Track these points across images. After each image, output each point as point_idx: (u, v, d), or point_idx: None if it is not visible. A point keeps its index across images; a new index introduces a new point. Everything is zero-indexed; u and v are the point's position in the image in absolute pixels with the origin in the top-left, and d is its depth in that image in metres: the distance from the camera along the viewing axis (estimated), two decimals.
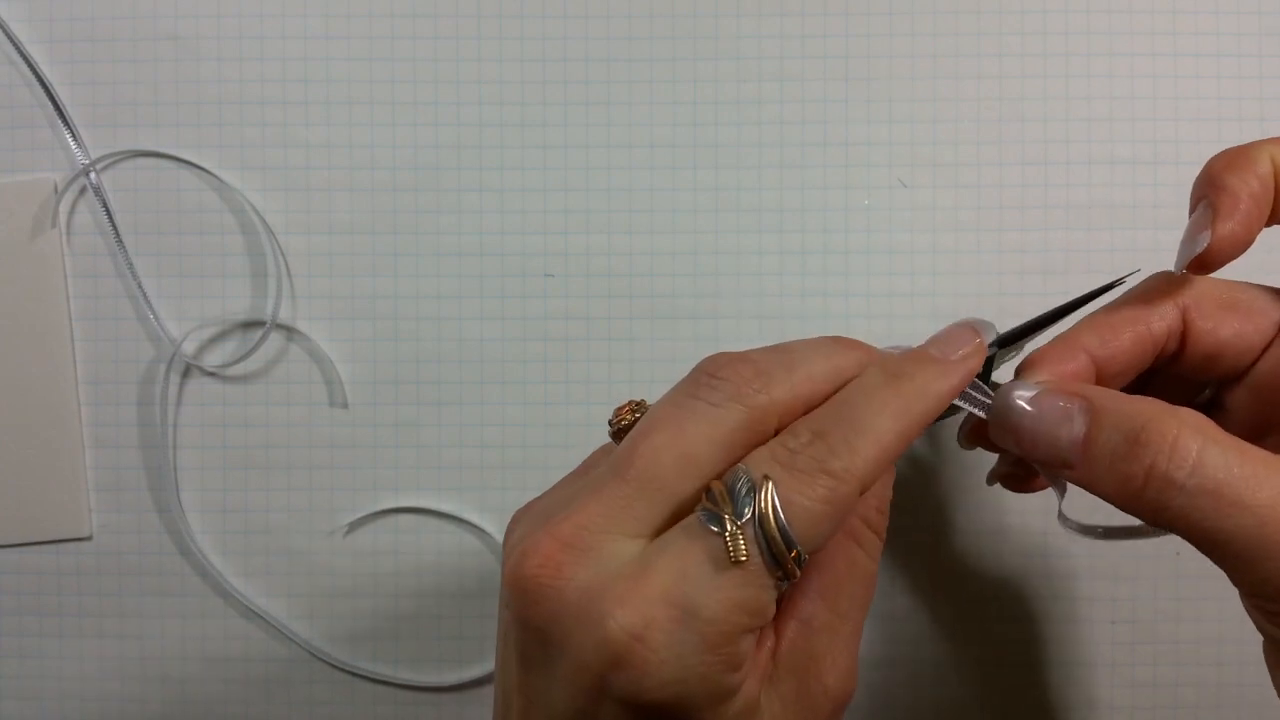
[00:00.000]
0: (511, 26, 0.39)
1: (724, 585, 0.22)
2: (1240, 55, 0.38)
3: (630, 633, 0.21)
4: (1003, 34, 0.39)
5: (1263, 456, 0.23)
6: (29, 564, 0.40)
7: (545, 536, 0.23)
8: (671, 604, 0.22)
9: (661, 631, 0.21)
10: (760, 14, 0.39)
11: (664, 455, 0.23)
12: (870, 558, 0.26)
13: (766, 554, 0.22)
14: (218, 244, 0.39)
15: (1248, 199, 0.25)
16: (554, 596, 0.22)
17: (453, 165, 0.39)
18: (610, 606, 0.22)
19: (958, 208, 0.39)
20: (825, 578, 0.25)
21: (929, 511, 0.39)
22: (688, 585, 0.22)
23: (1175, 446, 0.23)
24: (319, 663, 0.39)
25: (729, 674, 0.22)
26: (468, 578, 0.39)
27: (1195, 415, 0.24)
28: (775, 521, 0.22)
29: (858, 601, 0.26)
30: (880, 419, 0.24)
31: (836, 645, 0.25)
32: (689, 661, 0.22)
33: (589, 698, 0.22)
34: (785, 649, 0.25)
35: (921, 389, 0.24)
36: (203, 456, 0.39)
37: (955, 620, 0.39)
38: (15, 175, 0.39)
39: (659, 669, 0.21)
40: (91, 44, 0.39)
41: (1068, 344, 0.28)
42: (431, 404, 0.39)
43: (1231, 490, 0.22)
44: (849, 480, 0.23)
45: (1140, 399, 0.25)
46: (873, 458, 0.23)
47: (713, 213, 0.39)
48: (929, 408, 0.24)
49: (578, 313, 0.39)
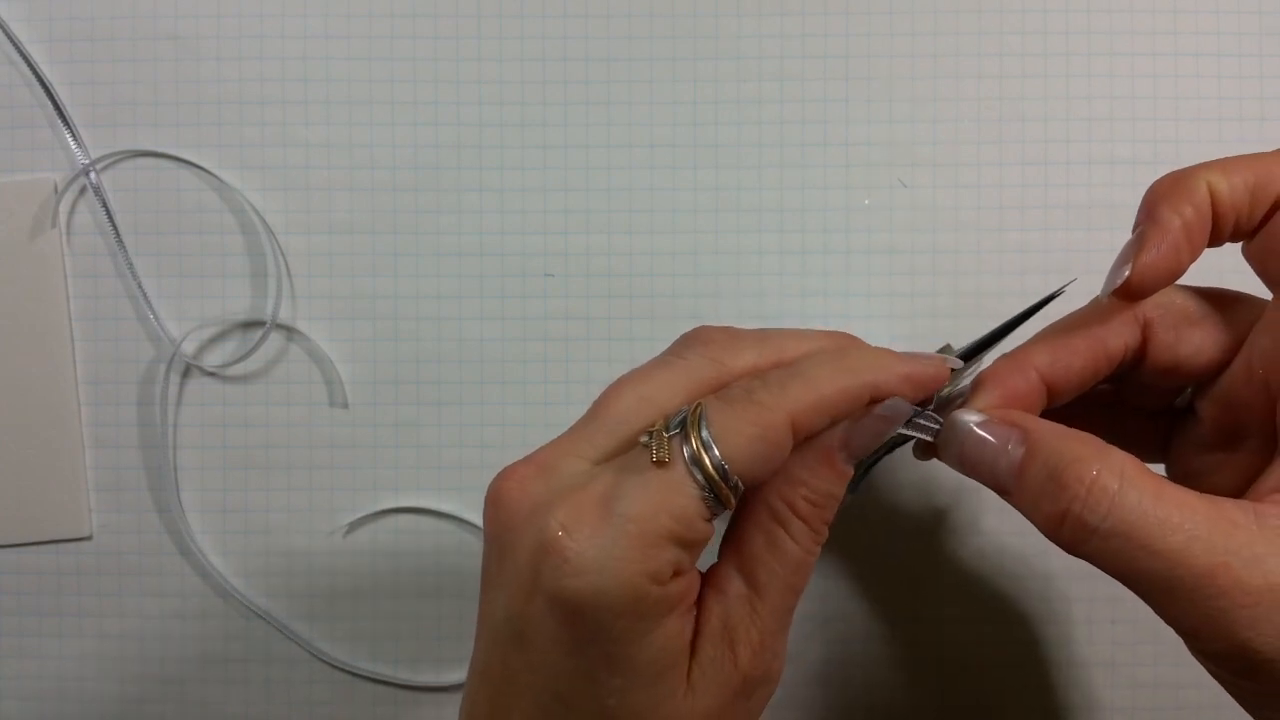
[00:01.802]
0: (511, 26, 0.39)
1: (648, 484, 0.23)
2: (1240, 55, 0.38)
3: (560, 525, 0.23)
4: (1003, 34, 0.39)
5: (1179, 500, 0.23)
6: (29, 564, 0.40)
7: (520, 462, 0.26)
8: (600, 503, 0.23)
9: (587, 525, 0.23)
10: (760, 14, 0.39)
11: (627, 394, 0.26)
12: (796, 543, 0.26)
13: (692, 465, 0.24)
14: (218, 244, 0.39)
15: (1178, 230, 0.25)
16: (513, 506, 0.25)
17: (453, 165, 0.39)
18: (551, 509, 0.24)
19: (958, 208, 0.39)
20: (744, 551, 0.26)
21: (928, 513, 0.39)
22: (617, 487, 0.24)
23: (1092, 489, 0.24)
24: (319, 663, 0.39)
25: (649, 583, 0.23)
26: (468, 578, 0.39)
27: (1120, 457, 0.24)
28: (699, 435, 0.24)
29: (777, 580, 0.26)
30: (818, 370, 0.25)
31: (751, 620, 0.25)
32: (610, 553, 0.23)
33: (523, 596, 0.24)
34: (704, 616, 0.26)
35: (870, 360, 0.26)
36: (203, 456, 0.39)
37: (955, 620, 0.39)
38: (15, 175, 0.39)
39: (578, 557, 0.23)
40: (91, 44, 0.39)
41: (1017, 363, 0.28)
42: (431, 404, 0.39)
43: (1143, 534, 0.23)
44: (775, 409, 0.24)
45: (1075, 436, 0.25)
46: (803, 398, 0.25)
47: (713, 213, 0.39)
48: (872, 376, 0.26)
49: (578, 313, 0.39)
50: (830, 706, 0.28)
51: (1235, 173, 0.26)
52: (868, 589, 0.39)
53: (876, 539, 0.39)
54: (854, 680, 0.39)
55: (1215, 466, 0.29)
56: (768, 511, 0.26)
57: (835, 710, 0.39)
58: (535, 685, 0.24)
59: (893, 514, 0.39)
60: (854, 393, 0.25)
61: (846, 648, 0.39)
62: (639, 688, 0.24)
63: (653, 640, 0.24)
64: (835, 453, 0.26)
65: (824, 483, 0.26)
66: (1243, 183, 0.26)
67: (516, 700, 0.25)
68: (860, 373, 0.26)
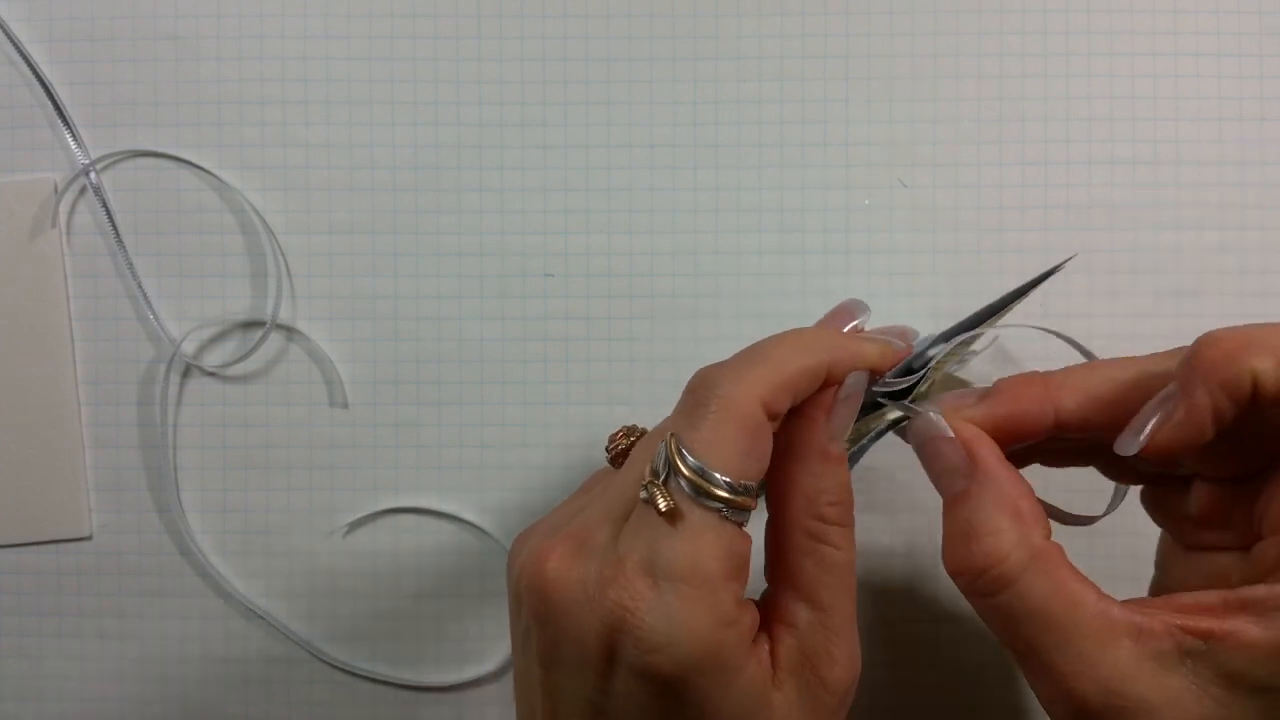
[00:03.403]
0: (511, 26, 0.39)
1: (674, 539, 0.24)
2: (1240, 55, 0.38)
3: (622, 605, 0.23)
4: (1003, 34, 0.39)
5: (1073, 599, 0.24)
6: (29, 564, 0.40)
7: (552, 539, 0.26)
8: (645, 571, 0.24)
9: (644, 599, 0.23)
10: (760, 14, 0.39)
11: (641, 454, 0.26)
12: (838, 548, 0.26)
13: (699, 498, 0.24)
14: (218, 244, 0.39)
15: (1207, 412, 0.24)
16: (563, 591, 0.25)
17: (453, 165, 0.39)
18: (603, 589, 0.24)
19: (958, 208, 0.39)
20: (799, 580, 0.26)
21: (927, 512, 0.39)
22: (653, 555, 0.24)
23: (993, 571, 0.25)
24: (319, 663, 0.39)
25: (724, 630, 0.23)
26: (468, 578, 0.39)
27: (1036, 541, 0.25)
28: (687, 465, 0.24)
29: (837, 592, 0.26)
30: (778, 351, 0.26)
31: (827, 640, 0.26)
32: (677, 620, 0.23)
33: (603, 675, 0.24)
34: (781, 652, 0.26)
35: (825, 339, 0.27)
36: (203, 456, 0.39)
37: (955, 620, 0.39)
38: (15, 175, 0.39)
39: (651, 632, 0.23)
40: (91, 44, 0.39)
41: (1039, 388, 0.28)
42: (431, 404, 0.39)
43: (1025, 622, 0.24)
44: (743, 400, 0.25)
45: (1009, 500, 0.25)
46: (768, 378, 0.25)
47: (713, 213, 0.39)
48: (828, 355, 0.26)
49: (578, 313, 0.39)
50: None
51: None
52: (867, 589, 0.39)
53: (876, 539, 0.39)
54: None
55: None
56: (805, 534, 0.26)
57: None
58: None
59: (893, 513, 0.39)
60: (813, 369, 0.26)
61: None
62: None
63: (739, 687, 0.24)
64: (826, 445, 0.27)
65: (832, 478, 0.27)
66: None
67: None
68: (817, 350, 0.26)
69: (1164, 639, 0.23)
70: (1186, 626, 0.23)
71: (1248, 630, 0.23)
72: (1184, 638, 0.23)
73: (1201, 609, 0.23)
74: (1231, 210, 0.38)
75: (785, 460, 0.27)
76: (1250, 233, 0.38)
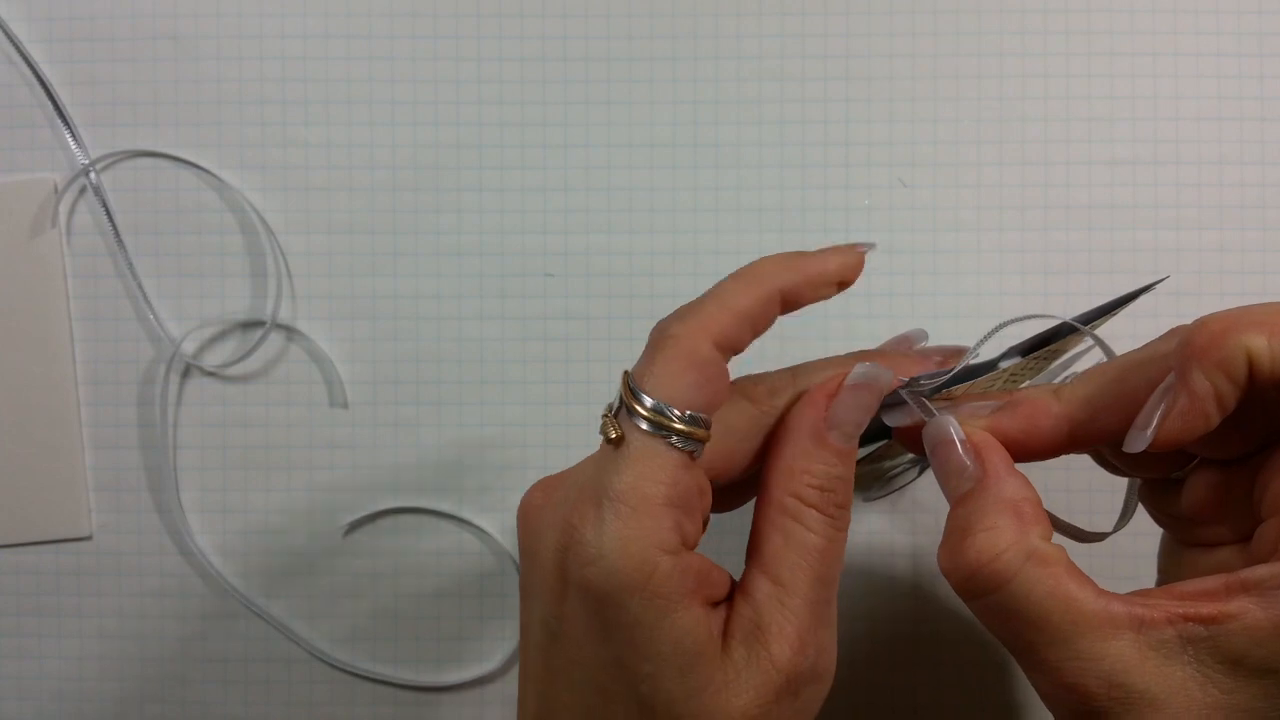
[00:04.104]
0: (511, 26, 0.39)
1: (620, 462, 0.25)
2: (1240, 55, 0.38)
3: (570, 524, 0.25)
4: (1003, 34, 0.39)
5: (1070, 598, 0.24)
6: (29, 564, 0.40)
7: (544, 480, 0.28)
8: (591, 494, 0.25)
9: (589, 518, 0.24)
10: (760, 14, 0.39)
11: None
12: (813, 532, 0.26)
13: (644, 425, 0.25)
14: (217, 244, 0.39)
15: (1209, 398, 0.24)
16: (533, 517, 0.27)
17: (453, 165, 0.39)
18: (560, 511, 0.25)
19: (958, 208, 0.39)
20: (763, 551, 0.26)
21: (929, 512, 0.39)
22: (598, 476, 0.25)
23: (987, 569, 0.25)
24: (319, 663, 0.39)
25: (658, 553, 0.24)
26: (468, 578, 0.39)
27: (1034, 541, 0.25)
28: (634, 395, 0.25)
29: (800, 573, 0.26)
30: (729, 285, 0.26)
31: (782, 615, 0.26)
32: (609, 534, 0.24)
33: (555, 597, 0.25)
34: (734, 620, 0.26)
35: (775, 264, 0.27)
36: (203, 456, 0.39)
37: (955, 620, 0.39)
38: (15, 175, 0.39)
39: (586, 546, 0.24)
40: (91, 44, 0.39)
41: (1050, 405, 0.28)
42: (431, 404, 0.39)
43: (1020, 622, 0.24)
44: (693, 335, 0.25)
45: (1012, 503, 0.25)
46: (718, 316, 0.26)
47: (713, 213, 0.39)
48: (777, 281, 0.27)
49: (578, 313, 0.39)
50: (830, 705, 0.28)
51: (1278, 334, 0.24)
52: (867, 589, 0.39)
53: (876, 538, 0.39)
54: (854, 680, 0.39)
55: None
56: (778, 508, 0.26)
57: (835, 709, 0.39)
58: (575, 679, 0.25)
59: (893, 513, 0.39)
60: (763, 296, 0.26)
61: (847, 648, 0.39)
62: (668, 676, 0.24)
63: (674, 623, 0.24)
64: (826, 432, 0.26)
65: (824, 465, 0.26)
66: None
67: (561, 695, 0.26)
68: (764, 279, 0.27)
69: (1165, 628, 0.23)
70: (1188, 613, 0.23)
71: (1249, 611, 0.23)
72: (1185, 625, 0.23)
73: (1203, 595, 0.23)
74: (1231, 210, 0.38)
75: (778, 436, 0.27)
76: (1250, 233, 0.38)
